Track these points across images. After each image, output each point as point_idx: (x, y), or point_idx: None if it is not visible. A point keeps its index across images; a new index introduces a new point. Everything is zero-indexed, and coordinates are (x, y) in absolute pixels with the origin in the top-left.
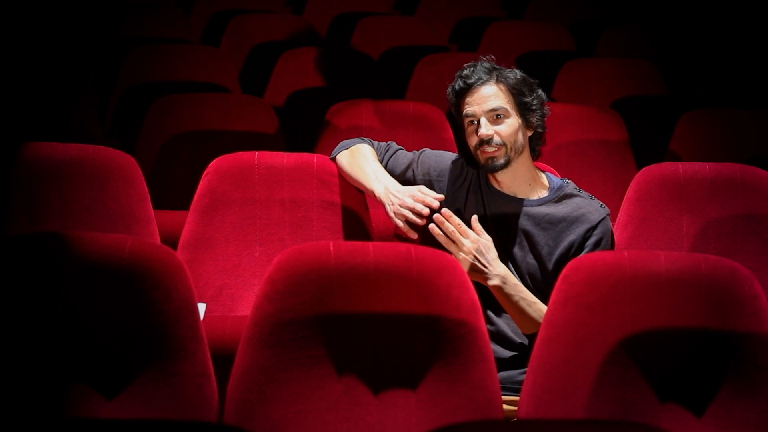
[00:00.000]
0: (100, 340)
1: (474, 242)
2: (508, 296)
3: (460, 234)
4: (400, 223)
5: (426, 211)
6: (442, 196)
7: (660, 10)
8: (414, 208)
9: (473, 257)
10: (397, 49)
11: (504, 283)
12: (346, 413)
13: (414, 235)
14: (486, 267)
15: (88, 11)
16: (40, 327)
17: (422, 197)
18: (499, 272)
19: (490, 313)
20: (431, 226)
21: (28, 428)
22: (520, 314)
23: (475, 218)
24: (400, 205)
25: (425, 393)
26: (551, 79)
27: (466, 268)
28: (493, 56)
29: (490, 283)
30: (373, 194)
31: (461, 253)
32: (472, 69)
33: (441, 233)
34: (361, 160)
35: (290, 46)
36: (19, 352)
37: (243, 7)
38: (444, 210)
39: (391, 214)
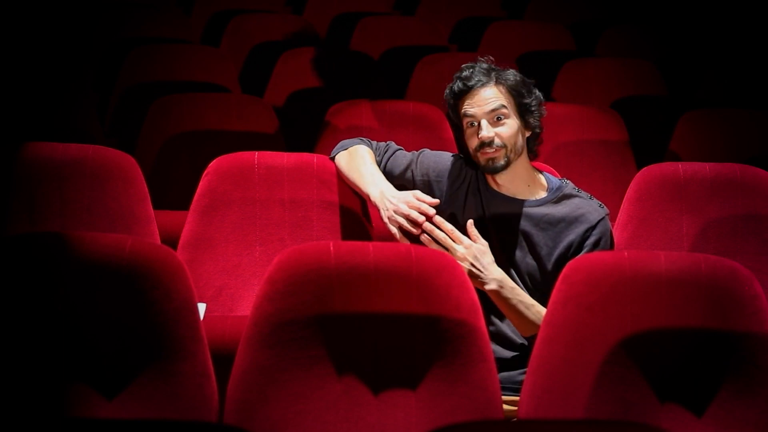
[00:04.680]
0: (100, 340)
1: (468, 248)
2: (505, 300)
3: (453, 240)
4: (394, 230)
5: (421, 219)
6: (437, 201)
7: (660, 10)
8: (409, 215)
9: (468, 263)
10: (397, 49)
11: (501, 287)
12: (346, 413)
13: (406, 242)
14: (482, 272)
15: (88, 11)
16: (40, 327)
17: (417, 204)
18: (495, 276)
19: (490, 313)
20: (422, 235)
21: (28, 428)
22: (519, 317)
23: (470, 223)
24: (394, 212)
25: (425, 393)
26: (551, 79)
27: None
28: (491, 57)
29: (487, 287)
30: (368, 198)
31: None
32: (471, 70)
33: (431, 240)
34: (358, 162)
35: (290, 46)
36: (20, 352)
37: (243, 7)
38: (435, 217)
39: (386, 220)
